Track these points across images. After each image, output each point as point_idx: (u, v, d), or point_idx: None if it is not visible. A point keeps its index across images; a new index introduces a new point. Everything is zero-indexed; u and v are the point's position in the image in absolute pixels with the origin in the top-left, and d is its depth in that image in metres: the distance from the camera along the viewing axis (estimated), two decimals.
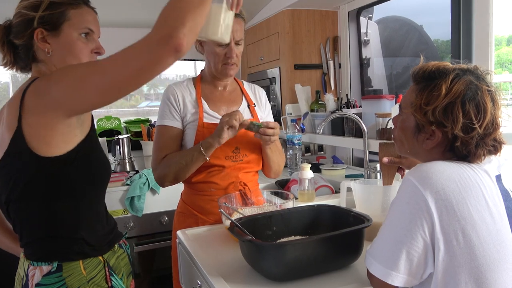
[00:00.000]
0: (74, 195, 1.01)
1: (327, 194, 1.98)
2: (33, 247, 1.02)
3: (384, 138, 2.01)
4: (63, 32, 1.06)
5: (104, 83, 0.89)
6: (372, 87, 2.89)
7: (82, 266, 1.01)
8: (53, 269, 0.98)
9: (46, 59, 1.07)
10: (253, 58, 3.28)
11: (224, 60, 1.50)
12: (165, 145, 1.53)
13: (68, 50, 1.06)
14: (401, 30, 2.92)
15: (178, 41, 0.82)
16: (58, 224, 1.00)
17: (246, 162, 1.56)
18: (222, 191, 1.54)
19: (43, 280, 0.98)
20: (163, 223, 2.44)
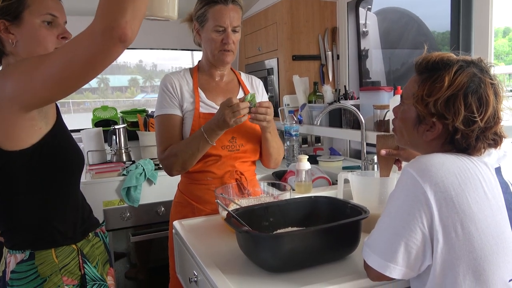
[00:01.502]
0: (43, 186, 1.01)
1: (324, 186, 1.98)
2: (7, 236, 1.03)
3: (382, 130, 2.00)
4: (24, 21, 1.03)
5: (51, 77, 0.87)
6: (370, 79, 2.88)
7: (54, 254, 1.02)
8: (26, 257, 0.99)
9: (13, 50, 1.05)
10: (251, 49, 3.25)
11: (220, 46, 1.49)
12: (169, 135, 1.52)
13: (32, 39, 1.04)
14: (400, 22, 2.90)
15: (121, 30, 0.79)
16: (29, 215, 1.00)
17: (243, 151, 1.55)
18: (218, 180, 1.53)
19: (17, 267, 0.99)
20: (160, 213, 2.43)
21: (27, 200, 1.00)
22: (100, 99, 6.66)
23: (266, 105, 1.42)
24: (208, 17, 1.49)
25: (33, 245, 1.00)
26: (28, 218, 1.00)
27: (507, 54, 2.23)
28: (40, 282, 0.99)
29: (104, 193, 2.34)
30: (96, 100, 6.49)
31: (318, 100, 2.65)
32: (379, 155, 1.28)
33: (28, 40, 1.04)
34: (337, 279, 0.96)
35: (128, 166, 2.46)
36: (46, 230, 1.01)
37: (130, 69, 6.30)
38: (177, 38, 3.24)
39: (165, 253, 1.73)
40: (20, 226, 1.00)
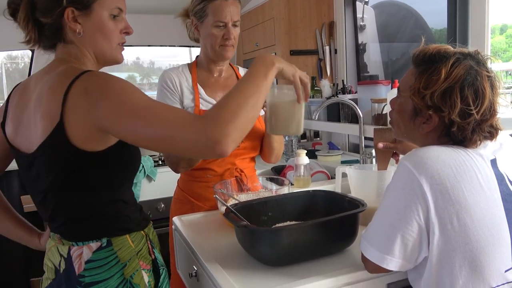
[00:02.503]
0: (119, 182, 1.03)
1: (322, 180, 1.98)
2: (77, 228, 1.01)
3: (380, 124, 2.01)
4: (95, 12, 1.01)
5: (140, 135, 0.87)
6: (368, 73, 2.88)
7: (129, 240, 1.02)
8: (103, 244, 0.99)
9: (76, 40, 1.02)
10: (249, 44, 3.25)
11: (221, 41, 1.49)
12: None
13: (99, 31, 1.03)
14: (397, 15, 2.90)
15: (224, 148, 0.82)
16: (107, 207, 1.01)
17: (243, 148, 1.55)
18: (218, 177, 1.53)
19: (94, 255, 0.99)
20: (160, 210, 2.44)
21: (107, 194, 1.01)
22: None
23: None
24: (207, 12, 1.49)
25: (110, 233, 1.01)
26: (106, 210, 1.01)
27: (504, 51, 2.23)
28: (121, 267, 1.00)
29: None
30: None
31: (316, 94, 2.65)
32: (377, 149, 1.28)
33: (95, 32, 1.02)
34: (335, 272, 0.97)
35: None
36: (120, 219, 1.03)
37: (127, 67, 6.29)
38: (175, 35, 3.22)
39: (166, 249, 1.74)
40: (97, 216, 1.01)
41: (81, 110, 0.90)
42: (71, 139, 0.91)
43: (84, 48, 1.03)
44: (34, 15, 1.00)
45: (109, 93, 0.89)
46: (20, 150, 1.01)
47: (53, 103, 0.92)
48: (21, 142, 1.01)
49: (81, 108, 0.90)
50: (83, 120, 0.90)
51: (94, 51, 1.04)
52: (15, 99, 1.06)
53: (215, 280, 0.97)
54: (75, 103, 0.90)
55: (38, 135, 0.94)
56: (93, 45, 1.03)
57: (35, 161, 0.97)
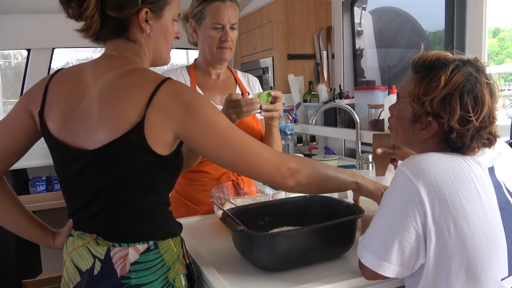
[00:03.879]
0: (165, 187, 1.04)
1: None
2: (127, 229, 0.99)
3: (376, 129, 2.01)
4: (164, 16, 1.03)
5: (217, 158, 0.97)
6: (365, 78, 2.89)
7: (172, 243, 1.02)
8: (151, 247, 0.98)
9: (141, 39, 1.02)
10: (246, 48, 3.25)
11: (219, 44, 1.49)
12: None
13: (163, 34, 1.05)
14: (394, 21, 2.92)
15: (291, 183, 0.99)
16: (154, 210, 1.01)
17: None
18: (214, 181, 1.53)
19: (141, 257, 0.97)
20: None
21: (160, 197, 1.02)
22: None
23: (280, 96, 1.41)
24: (205, 14, 1.49)
25: (157, 236, 1.00)
26: (158, 213, 1.01)
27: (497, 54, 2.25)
28: (165, 270, 0.99)
29: None
30: None
31: (313, 99, 2.65)
32: (375, 154, 1.28)
33: (160, 34, 1.04)
34: (332, 278, 0.96)
35: None
36: (168, 223, 1.03)
37: None
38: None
39: None
40: (149, 219, 1.00)
41: (169, 113, 0.92)
42: (148, 139, 0.92)
43: (146, 47, 1.04)
44: (104, 7, 0.97)
45: (203, 107, 0.95)
46: (70, 145, 0.97)
47: (136, 102, 0.92)
48: (74, 135, 0.97)
49: (170, 111, 0.92)
50: (166, 123, 0.92)
51: (154, 52, 1.05)
52: (61, 88, 1.02)
53: (211, 285, 0.97)
54: (164, 105, 0.92)
55: (107, 131, 0.92)
56: (155, 46, 1.04)
57: (98, 157, 0.94)
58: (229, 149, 0.95)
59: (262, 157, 0.96)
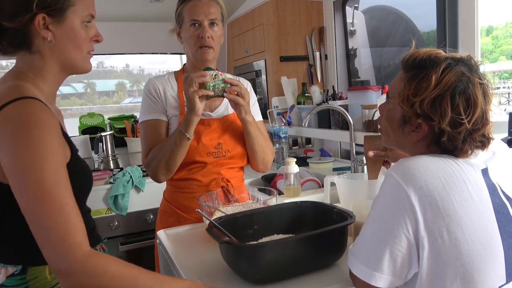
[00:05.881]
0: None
1: (313, 189, 1.94)
2: (2, 249, 0.97)
3: (370, 130, 1.97)
4: (68, 19, 0.94)
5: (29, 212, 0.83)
6: (359, 78, 2.85)
7: (47, 271, 0.96)
8: (17, 271, 0.94)
9: (44, 48, 0.94)
10: (239, 51, 3.22)
11: (198, 42, 1.44)
12: (154, 141, 1.47)
13: (71, 40, 0.95)
14: (387, 20, 2.88)
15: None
16: (19, 233, 0.93)
17: (229, 157, 1.51)
18: (204, 188, 1.49)
19: (7, 281, 0.94)
20: (149, 221, 2.39)
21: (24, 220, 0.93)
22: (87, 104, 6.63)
23: (236, 83, 1.37)
24: (183, 14, 1.46)
25: (27, 260, 0.94)
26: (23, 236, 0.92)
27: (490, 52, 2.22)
28: None
29: (90, 202, 2.25)
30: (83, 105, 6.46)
31: (307, 101, 2.62)
32: (367, 157, 1.24)
33: (66, 40, 0.95)
34: None
35: (116, 173, 2.41)
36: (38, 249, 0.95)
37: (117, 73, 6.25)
38: (166, 42, 3.20)
39: (152, 262, 1.69)
40: (14, 242, 0.95)
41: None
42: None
43: (50, 58, 0.96)
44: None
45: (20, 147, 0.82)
46: None
47: None
48: None
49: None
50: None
51: (63, 60, 0.97)
52: None
53: None
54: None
55: None
56: (63, 54, 0.96)
57: None
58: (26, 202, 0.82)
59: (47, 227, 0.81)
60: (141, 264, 0.97)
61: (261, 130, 1.55)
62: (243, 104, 1.39)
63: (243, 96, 1.39)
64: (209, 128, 1.47)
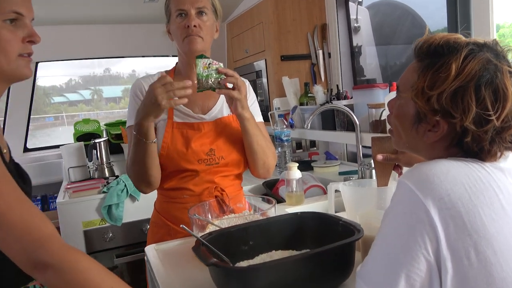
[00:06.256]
0: None
1: (318, 195, 1.81)
2: None
3: (378, 131, 1.84)
4: None
5: None
6: (365, 77, 2.71)
7: None
8: None
9: None
10: (239, 51, 3.10)
11: (185, 32, 1.32)
12: None
13: None
14: (393, 15, 2.74)
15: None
16: None
17: (223, 165, 1.37)
18: (196, 197, 1.36)
19: None
20: (145, 231, 2.26)
21: None
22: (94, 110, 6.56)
23: (231, 73, 1.24)
24: (170, 7, 1.36)
25: None
26: None
27: None
28: None
29: (83, 213, 2.18)
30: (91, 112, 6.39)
31: (310, 101, 2.48)
32: (375, 161, 1.11)
33: None
34: None
35: (110, 182, 2.29)
36: None
37: (123, 80, 6.17)
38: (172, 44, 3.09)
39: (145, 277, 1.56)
40: None
41: None
42: None
43: None
44: None
45: None
46: None
47: None
48: None
49: None
50: None
51: None
52: None
53: None
54: None
55: None
56: None
57: None
58: None
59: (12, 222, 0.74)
60: (139, 277, 0.87)
61: (262, 131, 1.42)
62: (239, 97, 1.26)
63: (239, 89, 1.25)
64: (199, 132, 1.35)
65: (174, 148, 1.32)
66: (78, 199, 2.17)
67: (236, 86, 1.24)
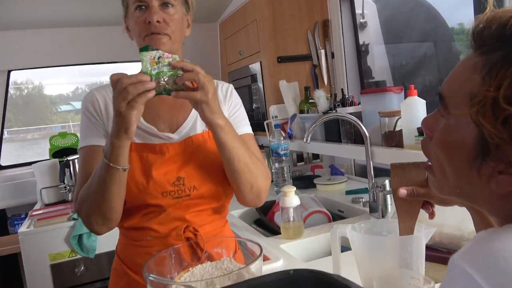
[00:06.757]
0: None
1: (321, 223, 1.50)
2: None
3: (392, 144, 1.52)
4: None
5: None
6: (374, 79, 2.41)
7: None
8: None
9: None
10: (232, 54, 2.80)
11: (145, 29, 1.02)
12: (89, 174, 1.04)
13: None
14: (404, 8, 2.43)
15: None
16: None
17: (197, 197, 1.07)
18: (161, 240, 1.05)
19: None
20: None
21: None
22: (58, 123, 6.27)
23: (188, 67, 0.92)
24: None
25: None
26: None
27: None
28: None
29: (50, 244, 1.88)
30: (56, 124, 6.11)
31: (311, 108, 2.17)
32: (396, 197, 0.80)
33: None
34: None
35: None
36: None
37: None
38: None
39: None
40: None
41: None
42: None
43: None
44: None
45: None
46: None
47: None
48: None
49: None
50: None
51: None
52: None
53: None
54: None
55: None
56: None
57: None
58: None
59: None
60: None
61: (249, 145, 1.11)
62: (204, 99, 0.93)
63: (204, 87, 0.92)
64: (162, 157, 1.04)
65: (131, 178, 1.02)
66: (44, 228, 1.87)
67: (199, 84, 0.92)
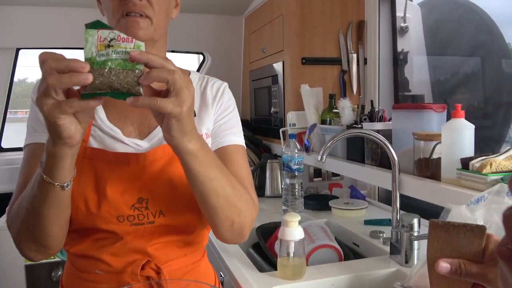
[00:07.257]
0: None
1: (329, 263, 1.23)
2: None
3: (427, 175, 1.24)
4: None
5: None
6: (410, 92, 2.13)
7: None
8: None
9: None
10: (255, 51, 2.56)
11: (120, 8, 0.78)
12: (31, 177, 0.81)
13: None
14: (453, 14, 2.14)
15: None
16: None
17: (163, 225, 0.82)
18: (113, 276, 0.82)
19: None
20: None
21: None
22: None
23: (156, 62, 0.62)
24: None
25: None
26: None
27: None
28: None
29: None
30: None
31: (335, 119, 1.90)
32: (432, 270, 0.53)
33: None
34: None
35: None
36: None
37: None
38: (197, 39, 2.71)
39: None
40: None
41: None
42: None
43: None
44: None
45: None
46: None
47: None
48: None
49: None
50: None
51: None
52: None
53: None
54: None
55: None
56: None
57: None
58: None
59: None
60: None
61: (233, 160, 0.86)
62: (176, 112, 0.63)
63: (179, 94, 0.63)
64: (122, 170, 0.80)
65: (79, 193, 0.78)
66: None
67: (173, 88, 0.63)
